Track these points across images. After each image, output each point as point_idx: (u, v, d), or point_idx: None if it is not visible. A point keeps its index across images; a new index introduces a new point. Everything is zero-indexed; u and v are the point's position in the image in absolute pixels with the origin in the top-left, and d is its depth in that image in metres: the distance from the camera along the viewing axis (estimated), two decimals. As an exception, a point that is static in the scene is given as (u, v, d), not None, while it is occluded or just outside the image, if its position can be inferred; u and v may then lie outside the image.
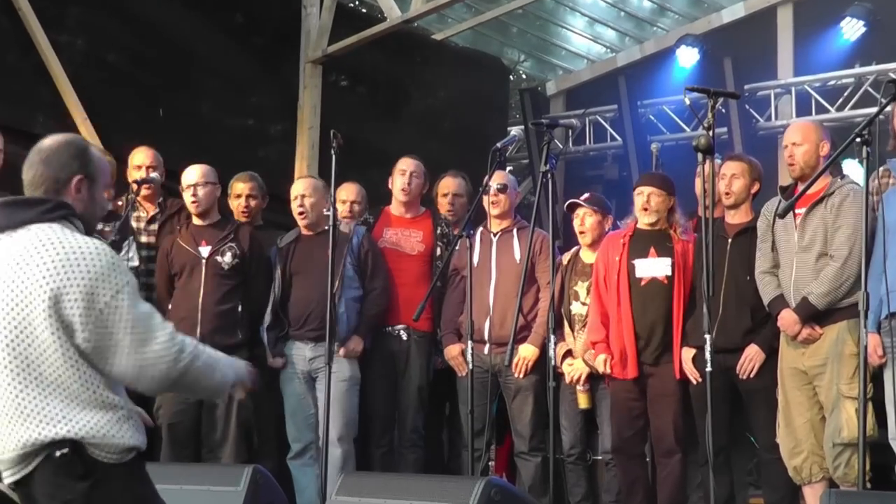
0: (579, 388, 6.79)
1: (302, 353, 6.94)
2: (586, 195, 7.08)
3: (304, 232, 7.09)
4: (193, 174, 7.01)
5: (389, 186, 7.43)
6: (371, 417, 7.12)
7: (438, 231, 7.29)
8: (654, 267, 6.52)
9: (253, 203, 7.37)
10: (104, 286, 3.16)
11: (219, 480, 5.69)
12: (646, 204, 6.60)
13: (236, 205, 7.32)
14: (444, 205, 7.60)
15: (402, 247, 7.25)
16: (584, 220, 6.94)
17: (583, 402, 6.82)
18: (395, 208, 7.40)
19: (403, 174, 7.34)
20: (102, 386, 3.21)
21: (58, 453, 3.13)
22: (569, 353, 6.84)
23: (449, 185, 7.65)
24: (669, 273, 6.47)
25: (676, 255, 6.48)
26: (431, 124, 11.83)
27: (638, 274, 6.54)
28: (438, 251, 7.23)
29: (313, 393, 6.93)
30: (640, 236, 6.61)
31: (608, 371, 6.52)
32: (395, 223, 7.34)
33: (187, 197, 6.99)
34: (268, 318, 6.96)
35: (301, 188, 7.12)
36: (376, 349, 7.10)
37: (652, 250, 6.54)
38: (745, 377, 6.20)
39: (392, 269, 7.15)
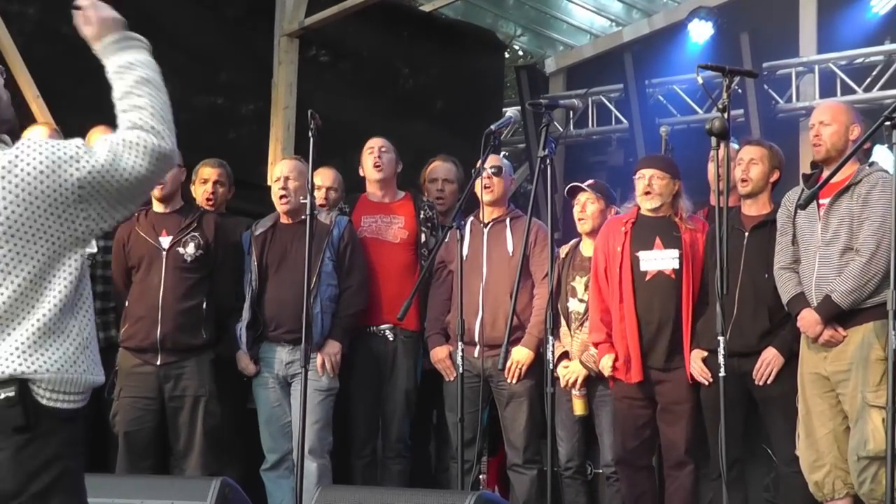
0: (575, 392, 6.80)
1: (279, 356, 6.91)
2: (590, 181, 7.09)
3: (283, 220, 7.07)
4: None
5: (361, 173, 7.45)
6: (352, 425, 7.12)
7: (421, 216, 7.27)
8: (660, 259, 6.53)
9: (220, 190, 7.35)
10: (63, 168, 3.13)
11: (183, 494, 5.66)
12: (647, 188, 6.60)
13: (202, 191, 7.29)
14: (432, 191, 7.60)
15: (383, 235, 7.23)
16: (586, 206, 6.94)
17: (578, 408, 6.83)
18: (372, 192, 7.40)
19: (372, 151, 7.34)
20: (58, 308, 3.16)
21: (2, 395, 3.09)
22: (564, 356, 6.85)
23: (438, 170, 7.66)
24: (677, 266, 6.48)
25: (685, 246, 6.49)
26: (419, 105, 11.82)
27: (643, 267, 6.54)
28: (423, 237, 7.22)
29: (289, 399, 6.92)
30: (643, 224, 6.62)
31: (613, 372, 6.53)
32: (372, 209, 7.33)
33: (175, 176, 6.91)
34: (246, 314, 6.92)
35: (286, 169, 7.07)
36: (359, 351, 7.08)
37: (657, 241, 6.54)
38: (761, 383, 6.21)
39: (374, 261, 7.13)
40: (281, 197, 6.99)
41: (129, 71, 3.28)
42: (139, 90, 3.25)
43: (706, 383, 6.30)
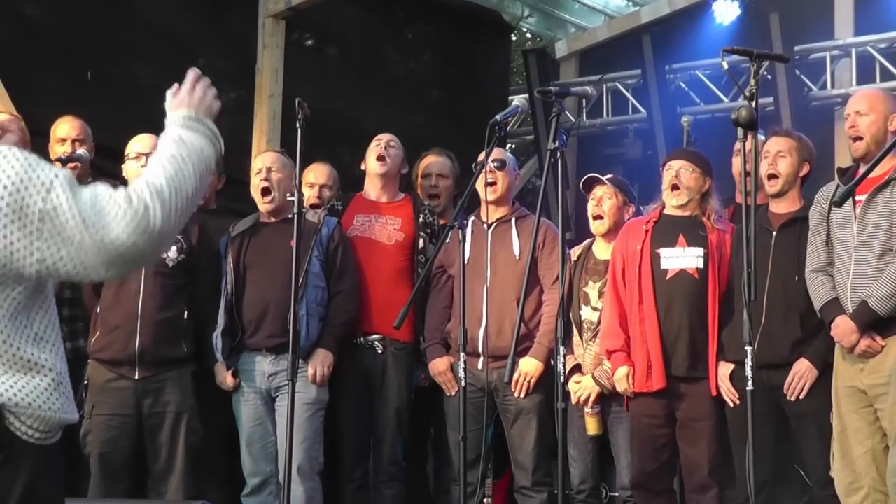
0: (587, 410, 6.81)
1: (261, 367, 6.89)
2: (609, 175, 7.09)
3: (265, 218, 7.06)
4: (147, 142, 6.89)
5: (363, 167, 7.45)
6: (341, 446, 7.12)
7: (421, 220, 7.28)
8: (682, 257, 6.54)
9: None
10: (30, 192, 3.09)
11: (160, 520, 5.71)
12: (675, 180, 6.61)
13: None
14: (425, 188, 7.62)
15: (375, 235, 7.24)
16: (602, 201, 6.94)
17: (591, 427, 6.84)
18: (371, 188, 7.40)
19: (378, 143, 7.35)
20: (28, 342, 3.17)
21: None
22: (576, 369, 6.86)
23: (431, 164, 7.68)
24: (701, 266, 6.50)
25: (711, 247, 6.50)
26: (415, 93, 11.83)
27: (663, 265, 6.56)
28: (421, 243, 7.23)
29: (272, 416, 6.90)
30: (666, 223, 6.64)
31: (630, 387, 6.54)
32: (367, 208, 7.33)
33: (136, 168, 6.83)
34: (221, 320, 6.89)
35: (268, 160, 7.07)
36: (346, 364, 7.06)
37: (681, 238, 6.56)
38: (793, 398, 6.22)
39: (364, 264, 7.14)
40: (263, 190, 6.97)
41: (178, 145, 3.30)
42: (171, 163, 3.24)
43: (731, 405, 6.32)
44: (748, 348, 5.52)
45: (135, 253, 3.14)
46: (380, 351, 7.11)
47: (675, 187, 6.63)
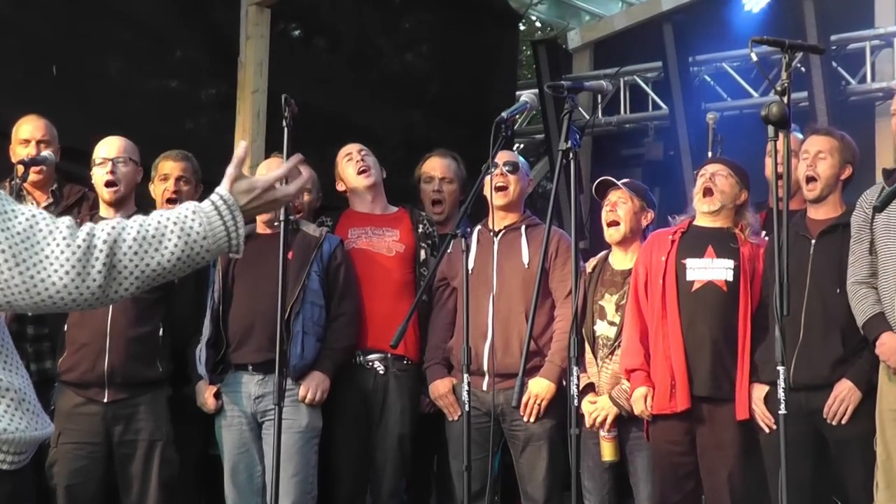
0: (603, 434, 6.78)
1: (246, 388, 6.87)
2: (625, 180, 7.07)
3: (261, 229, 7.05)
4: (113, 146, 6.95)
5: (339, 188, 7.48)
6: (336, 477, 7.10)
7: (420, 230, 7.29)
8: (710, 269, 6.52)
9: (185, 188, 7.31)
10: None
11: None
12: (709, 183, 6.59)
13: (161, 189, 7.27)
14: (428, 192, 7.60)
15: (374, 246, 7.25)
16: (618, 206, 6.92)
17: (607, 453, 6.80)
18: (359, 203, 7.41)
19: (351, 157, 7.38)
20: None
21: None
22: (589, 388, 6.83)
23: (435, 166, 7.67)
24: (731, 278, 6.48)
25: (743, 260, 6.49)
26: (413, 89, 11.82)
27: (689, 276, 6.55)
28: (423, 255, 7.22)
29: (259, 444, 6.88)
30: (695, 233, 6.63)
31: (648, 410, 6.52)
32: (362, 221, 7.34)
33: (101, 175, 6.89)
34: (206, 330, 6.88)
35: (274, 165, 7.06)
36: (343, 386, 7.04)
37: (710, 249, 6.55)
38: (835, 423, 6.20)
39: (363, 277, 7.14)
40: None
41: (179, 216, 3.22)
42: (154, 226, 3.18)
43: (766, 430, 6.30)
44: (780, 368, 5.48)
45: (67, 303, 3.08)
46: (381, 372, 7.10)
47: (707, 192, 6.60)
